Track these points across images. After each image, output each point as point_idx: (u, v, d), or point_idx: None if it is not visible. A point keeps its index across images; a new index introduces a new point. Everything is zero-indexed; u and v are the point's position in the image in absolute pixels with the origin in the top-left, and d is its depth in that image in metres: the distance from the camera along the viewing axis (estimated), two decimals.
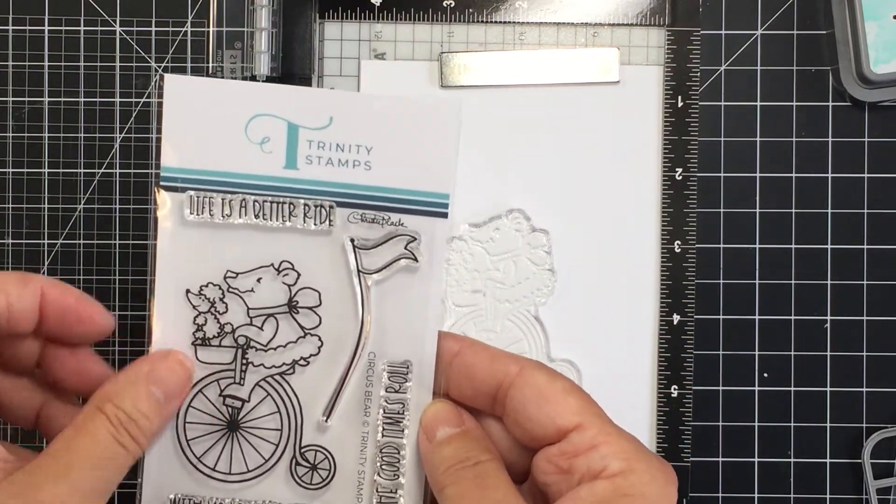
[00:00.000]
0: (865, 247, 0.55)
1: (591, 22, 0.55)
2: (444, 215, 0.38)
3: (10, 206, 0.55)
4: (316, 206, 0.37)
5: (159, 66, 0.55)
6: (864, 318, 0.55)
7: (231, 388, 0.38)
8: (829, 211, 0.55)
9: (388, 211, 0.38)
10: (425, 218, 0.38)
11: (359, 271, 0.38)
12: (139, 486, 0.38)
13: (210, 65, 0.55)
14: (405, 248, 0.38)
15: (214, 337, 0.38)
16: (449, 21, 0.55)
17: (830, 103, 0.55)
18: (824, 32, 0.55)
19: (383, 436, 0.38)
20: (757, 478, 0.55)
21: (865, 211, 0.55)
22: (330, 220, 0.37)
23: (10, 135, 0.55)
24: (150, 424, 0.36)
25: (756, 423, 0.55)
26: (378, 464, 0.38)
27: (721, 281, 0.55)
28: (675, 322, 0.55)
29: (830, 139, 0.55)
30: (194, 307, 0.38)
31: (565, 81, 0.55)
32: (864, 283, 0.55)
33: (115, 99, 0.55)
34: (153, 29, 0.55)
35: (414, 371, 0.38)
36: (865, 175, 0.55)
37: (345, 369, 0.38)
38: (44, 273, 0.55)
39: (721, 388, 0.55)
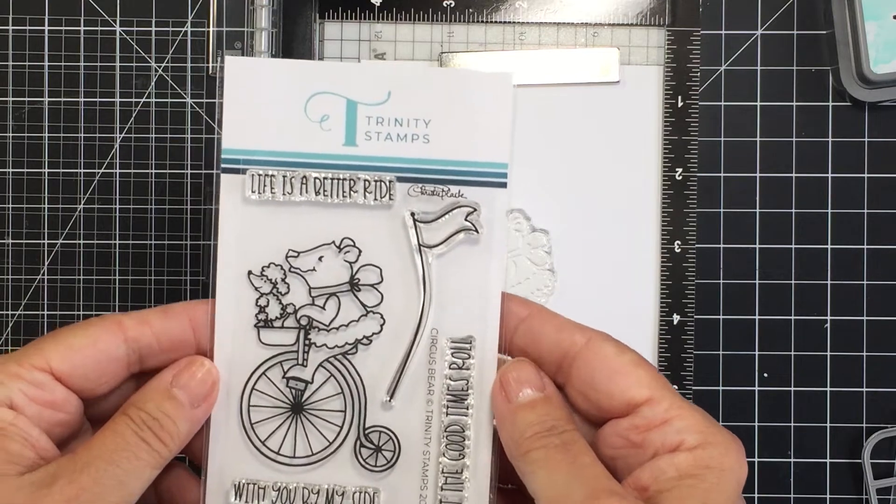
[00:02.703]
0: (865, 247, 0.55)
1: (591, 22, 0.55)
2: (504, 185, 0.38)
3: (10, 206, 0.55)
4: (376, 182, 0.37)
5: (159, 66, 0.55)
6: (864, 318, 0.55)
7: (294, 369, 0.38)
8: (829, 211, 0.55)
9: (448, 183, 0.37)
10: (485, 189, 0.37)
11: (419, 246, 0.37)
12: (203, 472, 0.38)
13: (210, 65, 0.55)
14: (465, 219, 0.37)
15: (277, 318, 0.38)
16: (449, 21, 0.55)
17: (830, 103, 0.55)
18: (824, 32, 0.55)
19: (447, 415, 0.37)
20: (757, 478, 0.55)
21: (865, 211, 0.55)
22: (390, 195, 0.37)
23: (10, 135, 0.55)
24: (174, 426, 0.35)
25: (756, 423, 0.55)
26: (443, 444, 0.37)
27: (721, 281, 0.55)
28: (675, 322, 0.55)
29: (830, 139, 0.55)
30: (256, 289, 0.38)
31: (565, 81, 0.55)
32: (864, 283, 0.55)
33: (115, 99, 0.55)
34: (153, 29, 0.55)
35: (477, 346, 0.37)
36: (865, 175, 0.56)
37: (407, 347, 0.37)
38: (44, 273, 0.55)
39: (721, 388, 0.55)
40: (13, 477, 0.34)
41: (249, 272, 0.38)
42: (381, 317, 0.38)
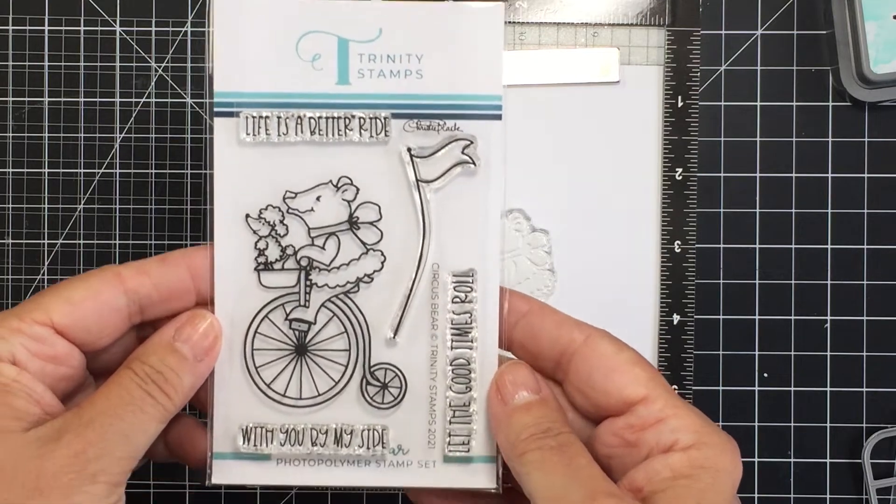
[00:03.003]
0: (865, 247, 0.55)
1: (591, 22, 0.55)
2: (499, 117, 0.38)
3: (10, 206, 0.55)
4: (371, 119, 0.37)
5: (159, 66, 0.55)
6: (864, 318, 0.55)
7: (297, 311, 0.38)
8: (829, 211, 0.55)
9: (443, 118, 0.38)
10: (480, 121, 0.38)
11: (417, 181, 0.38)
12: (210, 419, 0.38)
13: (210, 64, 0.55)
14: (462, 152, 0.37)
15: (277, 260, 0.38)
16: None
17: (830, 103, 0.55)
18: (824, 32, 0.55)
19: (452, 349, 0.38)
20: (757, 478, 0.55)
21: (865, 211, 0.55)
22: (386, 131, 0.37)
23: (10, 135, 0.55)
24: (178, 379, 0.36)
25: (756, 423, 0.55)
26: (449, 378, 0.38)
27: (721, 281, 0.55)
28: (675, 322, 0.55)
29: (830, 139, 0.55)
30: (255, 231, 0.38)
31: (565, 81, 0.55)
32: (864, 283, 0.55)
33: (115, 99, 0.55)
34: (153, 29, 0.55)
35: (479, 279, 0.38)
36: (865, 175, 0.55)
37: (409, 283, 0.38)
38: (44, 273, 0.55)
39: (721, 388, 0.55)
40: (19, 433, 0.34)
41: (247, 215, 0.38)
42: (382, 254, 0.38)
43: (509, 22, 0.55)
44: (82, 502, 0.33)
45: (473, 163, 0.37)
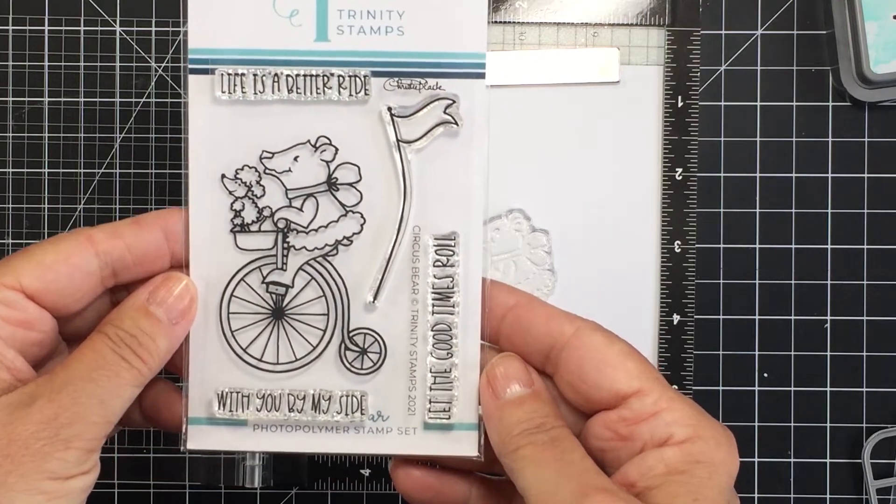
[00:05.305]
0: (865, 247, 0.55)
1: (591, 22, 0.55)
2: (482, 76, 0.37)
3: (10, 206, 0.55)
4: (350, 77, 0.36)
5: (159, 67, 0.55)
6: (864, 318, 0.55)
7: (274, 274, 0.37)
8: (829, 211, 0.55)
9: (425, 76, 0.36)
10: (463, 80, 0.37)
11: (398, 141, 0.37)
12: (185, 384, 0.37)
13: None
14: (444, 111, 0.36)
15: (253, 222, 0.37)
16: None
17: (830, 103, 0.55)
18: (824, 32, 0.55)
19: (433, 313, 0.37)
20: (757, 478, 0.55)
21: (865, 211, 0.55)
22: (366, 90, 0.36)
23: (10, 135, 0.55)
24: (153, 343, 0.35)
25: (756, 423, 0.55)
26: (430, 343, 0.37)
27: (721, 281, 0.55)
28: (675, 322, 0.55)
29: (830, 139, 0.55)
30: (230, 192, 0.37)
31: (565, 81, 0.55)
32: (864, 283, 0.55)
33: (115, 99, 0.55)
34: (153, 29, 0.55)
35: (461, 242, 0.37)
36: (865, 175, 0.55)
37: (390, 246, 0.37)
38: None
39: (721, 388, 0.55)
40: None
41: (223, 175, 0.37)
42: (361, 216, 0.37)
43: (509, 22, 0.55)
44: (55, 469, 0.32)
45: (456, 123, 0.36)
